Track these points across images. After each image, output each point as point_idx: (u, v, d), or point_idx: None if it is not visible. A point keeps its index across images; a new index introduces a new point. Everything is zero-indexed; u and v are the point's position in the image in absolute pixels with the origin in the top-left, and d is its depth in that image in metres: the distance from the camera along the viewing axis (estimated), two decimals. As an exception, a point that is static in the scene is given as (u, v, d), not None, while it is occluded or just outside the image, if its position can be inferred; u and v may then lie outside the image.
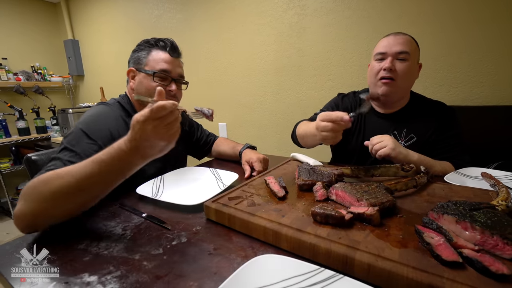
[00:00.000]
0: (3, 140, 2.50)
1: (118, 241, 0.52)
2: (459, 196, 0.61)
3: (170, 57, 0.85)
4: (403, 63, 0.86)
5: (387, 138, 0.80)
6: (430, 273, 0.35)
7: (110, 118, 0.80)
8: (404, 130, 0.94)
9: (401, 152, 0.79)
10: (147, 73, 0.82)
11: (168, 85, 0.84)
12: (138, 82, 0.84)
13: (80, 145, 0.69)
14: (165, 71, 0.83)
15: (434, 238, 0.41)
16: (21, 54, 2.83)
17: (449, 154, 0.90)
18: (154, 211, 0.65)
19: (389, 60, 0.86)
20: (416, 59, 0.89)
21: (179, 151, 1.03)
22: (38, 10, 2.94)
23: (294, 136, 1.07)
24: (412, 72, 0.88)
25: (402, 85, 0.89)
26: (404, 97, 0.96)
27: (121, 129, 0.78)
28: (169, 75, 0.84)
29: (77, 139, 0.70)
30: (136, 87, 0.85)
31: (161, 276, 0.42)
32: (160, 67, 0.82)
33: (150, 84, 0.81)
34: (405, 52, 0.85)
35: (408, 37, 0.88)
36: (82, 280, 0.42)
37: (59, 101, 3.13)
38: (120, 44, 2.58)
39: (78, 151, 0.67)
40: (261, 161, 0.90)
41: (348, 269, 0.40)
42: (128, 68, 0.86)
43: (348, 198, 0.56)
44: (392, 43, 0.87)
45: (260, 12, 1.72)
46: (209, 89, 2.10)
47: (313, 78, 1.63)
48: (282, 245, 0.47)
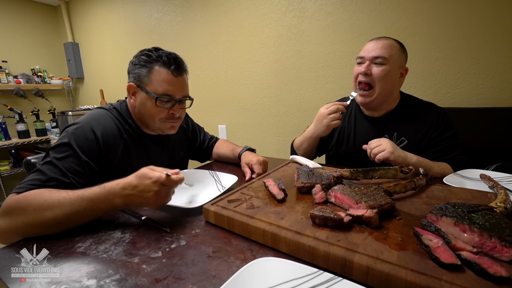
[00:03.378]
0: (3, 143, 2.50)
1: (117, 244, 0.52)
2: (457, 198, 0.61)
3: (173, 78, 0.76)
4: (379, 67, 0.87)
5: (385, 142, 0.81)
6: (428, 275, 0.35)
7: (104, 125, 0.77)
8: (395, 133, 0.95)
9: (400, 155, 0.79)
10: (149, 95, 0.76)
11: (171, 107, 0.79)
12: (140, 102, 0.79)
13: (65, 161, 0.66)
14: (168, 95, 0.77)
15: (432, 241, 0.41)
16: (21, 57, 2.84)
17: (447, 156, 0.90)
18: (153, 213, 0.65)
19: (365, 64, 0.88)
20: (396, 64, 0.88)
21: (182, 157, 1.05)
22: (38, 13, 2.95)
23: (293, 153, 1.10)
24: (389, 76, 0.87)
25: (380, 89, 0.88)
26: (389, 100, 0.95)
27: (112, 136, 0.77)
28: (173, 98, 0.78)
29: (63, 153, 0.67)
30: (138, 106, 0.80)
31: (160, 279, 0.42)
32: (162, 90, 0.76)
33: (153, 109, 0.77)
34: (381, 57, 0.86)
35: (390, 41, 0.88)
36: (81, 283, 0.42)
37: (59, 104, 3.13)
38: (120, 46, 2.59)
39: (62, 168, 0.65)
40: (260, 163, 0.90)
41: (347, 271, 0.40)
42: (128, 81, 0.80)
43: (347, 200, 0.56)
44: (372, 48, 0.88)
45: (259, 14, 1.73)
46: (209, 91, 2.10)
47: (312, 80, 1.63)
48: (281, 247, 0.48)
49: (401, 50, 0.90)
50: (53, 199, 0.56)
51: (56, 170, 0.65)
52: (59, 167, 0.65)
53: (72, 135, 0.70)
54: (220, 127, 2.10)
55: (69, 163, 0.67)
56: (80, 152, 0.69)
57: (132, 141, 0.82)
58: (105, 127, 0.76)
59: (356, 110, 1.05)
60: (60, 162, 0.66)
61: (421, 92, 1.33)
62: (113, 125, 0.79)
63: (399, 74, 0.91)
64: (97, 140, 0.73)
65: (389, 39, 0.89)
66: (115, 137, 0.78)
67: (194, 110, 2.20)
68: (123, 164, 0.78)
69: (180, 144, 1.02)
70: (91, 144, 0.72)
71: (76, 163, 0.68)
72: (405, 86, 1.35)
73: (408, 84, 1.35)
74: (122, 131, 0.80)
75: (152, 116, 0.79)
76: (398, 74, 0.90)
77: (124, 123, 0.82)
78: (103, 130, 0.75)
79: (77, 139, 0.70)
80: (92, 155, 0.71)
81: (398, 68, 0.89)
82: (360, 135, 1.01)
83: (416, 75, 1.33)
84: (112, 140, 0.77)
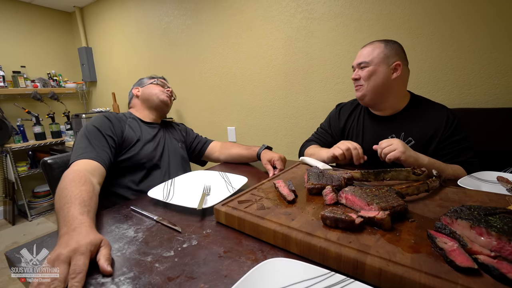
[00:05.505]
0: (21, 145, 2.60)
1: (131, 243, 0.53)
2: (473, 201, 0.59)
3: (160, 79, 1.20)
4: (364, 70, 0.94)
5: (397, 142, 0.80)
6: (443, 279, 0.35)
7: (110, 113, 1.01)
8: (402, 133, 0.95)
9: (411, 155, 0.78)
10: (151, 82, 1.15)
11: (166, 87, 1.16)
12: (143, 90, 1.13)
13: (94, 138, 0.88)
14: (163, 78, 1.20)
15: (447, 244, 0.40)
16: (38, 62, 2.94)
17: (459, 159, 0.88)
18: (165, 214, 0.66)
19: (355, 72, 0.97)
20: (380, 62, 0.92)
21: (181, 149, 1.15)
22: (54, 19, 3.05)
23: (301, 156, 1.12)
24: (375, 74, 0.92)
25: (368, 85, 0.94)
26: (398, 99, 0.96)
27: (119, 118, 1.01)
28: (166, 84, 1.19)
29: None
30: (142, 92, 1.13)
31: (173, 278, 0.43)
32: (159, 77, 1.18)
33: (154, 87, 1.13)
34: (363, 62, 0.94)
35: (374, 45, 0.94)
36: (96, 280, 0.43)
37: (73, 107, 3.23)
38: (131, 50, 2.65)
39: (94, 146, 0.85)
40: (282, 160, 0.97)
41: (359, 273, 0.40)
42: (131, 91, 1.17)
43: (358, 202, 0.56)
44: (358, 55, 0.97)
45: (268, 16, 1.74)
46: (218, 93, 2.12)
47: (321, 82, 1.62)
48: (291, 248, 0.48)
49: (385, 47, 0.92)
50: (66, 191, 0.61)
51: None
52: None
53: (91, 123, 0.91)
54: (229, 129, 2.11)
55: (95, 139, 0.85)
56: (100, 128, 0.89)
57: (133, 124, 1.05)
58: (112, 114, 1.01)
59: (365, 110, 1.06)
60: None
61: (434, 92, 1.30)
62: (117, 115, 1.03)
63: (390, 70, 0.92)
64: (108, 118, 0.96)
65: (374, 43, 0.95)
66: (121, 119, 1.02)
67: (204, 112, 2.24)
68: (131, 134, 0.99)
69: (176, 135, 1.18)
70: (104, 122, 0.93)
71: (99, 138, 0.87)
72: (417, 87, 1.33)
73: (420, 84, 1.32)
74: (125, 118, 1.04)
75: (154, 93, 1.11)
76: (387, 70, 0.92)
77: (127, 116, 1.07)
78: (110, 115, 0.99)
79: (94, 122, 0.91)
80: (105, 127, 0.91)
81: (385, 64, 0.92)
82: (368, 135, 1.02)
83: (429, 75, 1.30)
84: (118, 120, 0.99)
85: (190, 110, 2.34)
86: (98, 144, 0.84)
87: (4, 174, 2.71)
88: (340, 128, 1.11)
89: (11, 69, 2.69)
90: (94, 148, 0.82)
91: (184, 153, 1.16)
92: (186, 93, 2.33)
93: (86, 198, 0.60)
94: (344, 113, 1.12)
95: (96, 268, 0.45)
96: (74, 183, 0.63)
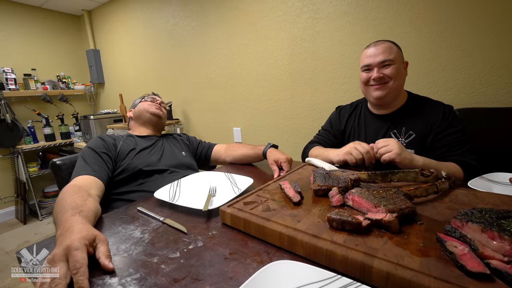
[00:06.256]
0: (32, 146, 2.66)
1: (137, 244, 0.54)
2: (484, 203, 0.58)
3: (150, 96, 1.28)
4: (389, 68, 0.92)
5: (393, 143, 0.79)
6: (454, 284, 0.34)
7: (105, 134, 1.07)
8: (403, 128, 0.97)
9: (406, 157, 0.79)
10: (141, 101, 1.22)
11: (156, 102, 1.23)
12: (135, 110, 1.20)
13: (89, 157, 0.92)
14: (154, 94, 1.29)
15: (458, 247, 0.39)
16: (48, 65, 3.01)
17: (456, 154, 0.88)
18: (171, 215, 0.66)
19: (375, 71, 0.93)
20: (400, 60, 0.94)
21: (184, 156, 1.14)
22: (63, 22, 3.12)
23: (304, 158, 1.12)
24: (400, 73, 0.93)
25: (394, 85, 0.93)
26: (400, 97, 0.99)
27: (113, 137, 1.06)
28: (155, 98, 1.25)
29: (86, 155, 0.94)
30: (134, 112, 1.21)
31: (179, 280, 0.43)
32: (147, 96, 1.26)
33: (143, 104, 1.19)
34: (388, 60, 0.91)
35: (388, 44, 0.93)
36: (103, 281, 0.43)
37: (81, 108, 3.28)
38: (138, 52, 2.69)
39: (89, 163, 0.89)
40: (289, 162, 0.95)
41: (366, 277, 0.39)
42: (128, 115, 1.25)
43: (365, 204, 0.55)
44: (374, 53, 0.93)
45: (273, 17, 1.73)
46: (223, 94, 2.13)
47: (327, 82, 1.61)
48: (297, 251, 0.47)
49: (397, 47, 0.95)
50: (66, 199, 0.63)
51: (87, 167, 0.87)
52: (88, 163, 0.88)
53: (86, 145, 0.97)
54: (235, 130, 2.12)
55: (90, 158, 0.90)
56: (95, 148, 0.94)
57: (129, 140, 1.09)
58: (107, 135, 1.06)
59: (365, 110, 1.08)
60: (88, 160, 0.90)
61: (442, 92, 1.28)
62: (113, 135, 1.08)
63: (404, 68, 0.97)
64: (101, 138, 1.01)
65: (386, 42, 0.94)
66: (116, 137, 1.07)
67: (209, 112, 2.25)
68: (125, 147, 1.03)
69: (177, 145, 1.20)
70: (98, 142, 0.98)
71: (94, 157, 0.91)
72: (425, 86, 1.31)
73: (428, 84, 1.30)
74: (121, 137, 1.09)
75: (143, 109, 1.17)
76: (404, 69, 0.96)
77: (124, 135, 1.11)
78: (105, 135, 1.04)
79: (89, 144, 0.97)
80: (99, 146, 0.96)
81: (402, 63, 0.95)
82: (370, 134, 1.03)
83: (437, 74, 1.28)
84: (113, 139, 1.04)
85: (195, 111, 2.36)
86: (93, 162, 0.88)
87: (15, 175, 2.78)
88: (341, 130, 1.12)
89: (22, 72, 2.76)
90: (90, 166, 0.86)
91: (188, 161, 1.13)
92: (192, 94, 2.34)
93: (79, 202, 0.61)
94: (344, 115, 1.13)
95: (102, 269, 0.46)
96: (68, 194, 0.66)
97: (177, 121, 2.34)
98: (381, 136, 0.99)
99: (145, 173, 0.98)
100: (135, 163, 0.98)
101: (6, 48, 2.69)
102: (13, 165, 2.77)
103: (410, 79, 1.31)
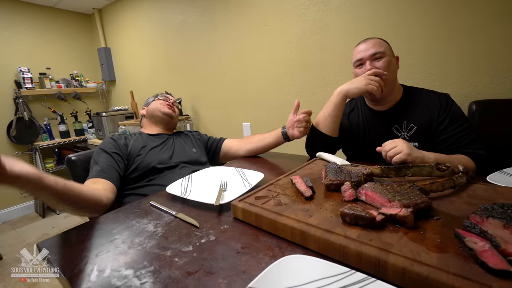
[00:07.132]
0: (48, 143, 2.75)
1: (151, 238, 0.55)
2: (505, 198, 0.55)
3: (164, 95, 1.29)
4: (380, 60, 0.93)
5: (401, 143, 0.78)
6: (475, 281, 0.33)
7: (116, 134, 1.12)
8: (404, 122, 0.96)
9: (417, 156, 0.77)
10: (154, 99, 1.24)
11: (168, 101, 1.24)
12: (148, 108, 1.23)
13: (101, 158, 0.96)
14: (167, 93, 1.31)
15: (477, 244, 0.38)
16: (61, 63, 3.08)
17: (463, 148, 0.87)
18: (183, 209, 0.67)
19: (367, 63, 0.94)
20: (391, 54, 0.96)
21: (195, 153, 1.15)
22: (75, 21, 3.17)
23: (309, 147, 1.10)
24: (391, 65, 0.94)
25: (388, 77, 0.93)
26: (395, 91, 0.98)
27: (124, 137, 1.08)
28: (168, 97, 1.27)
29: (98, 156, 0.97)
30: (147, 110, 1.23)
31: (192, 273, 0.43)
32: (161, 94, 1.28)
33: (156, 102, 1.21)
34: (379, 52, 0.93)
35: (377, 39, 0.96)
36: (119, 273, 0.45)
37: (94, 105, 3.36)
38: (148, 49, 2.71)
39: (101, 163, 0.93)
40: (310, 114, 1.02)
41: (380, 272, 0.38)
42: (141, 113, 1.27)
43: (378, 198, 0.54)
44: (365, 48, 0.95)
45: (282, 10, 1.71)
46: (233, 89, 2.13)
47: (338, 76, 1.58)
48: (310, 245, 0.47)
49: (387, 43, 0.97)
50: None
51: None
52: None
53: (98, 146, 0.99)
54: (245, 125, 2.11)
55: (102, 159, 0.92)
56: (106, 149, 0.96)
57: (139, 138, 1.10)
58: (117, 134, 1.08)
59: (364, 108, 1.07)
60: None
61: (458, 85, 1.23)
62: (124, 134, 1.10)
63: (396, 63, 0.98)
64: (112, 138, 1.03)
65: (375, 38, 0.96)
66: (126, 136, 1.08)
67: (219, 108, 2.25)
68: (136, 145, 1.05)
69: (188, 142, 1.21)
70: (109, 143, 1.00)
71: (106, 157, 0.94)
72: (440, 78, 1.26)
73: (443, 77, 1.25)
74: (132, 135, 1.12)
75: (156, 108, 1.19)
76: (395, 62, 0.98)
77: (135, 133, 1.14)
78: (115, 135, 1.07)
79: (101, 145, 0.99)
80: (110, 147, 0.98)
81: (393, 57, 0.97)
82: (372, 131, 1.03)
83: (451, 64, 1.23)
84: (124, 138, 1.06)
85: (205, 106, 2.37)
86: (103, 162, 0.91)
87: (33, 171, 2.88)
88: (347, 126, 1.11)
89: (38, 71, 2.83)
90: (100, 166, 0.89)
91: (199, 157, 1.14)
92: (201, 90, 2.35)
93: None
94: (345, 113, 1.11)
95: (119, 261, 0.47)
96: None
97: (187, 117, 2.36)
98: (382, 133, 0.99)
99: (157, 170, 1.00)
100: (147, 161, 1.00)
101: (22, 48, 2.76)
102: (31, 161, 2.87)
103: (423, 72, 1.26)
